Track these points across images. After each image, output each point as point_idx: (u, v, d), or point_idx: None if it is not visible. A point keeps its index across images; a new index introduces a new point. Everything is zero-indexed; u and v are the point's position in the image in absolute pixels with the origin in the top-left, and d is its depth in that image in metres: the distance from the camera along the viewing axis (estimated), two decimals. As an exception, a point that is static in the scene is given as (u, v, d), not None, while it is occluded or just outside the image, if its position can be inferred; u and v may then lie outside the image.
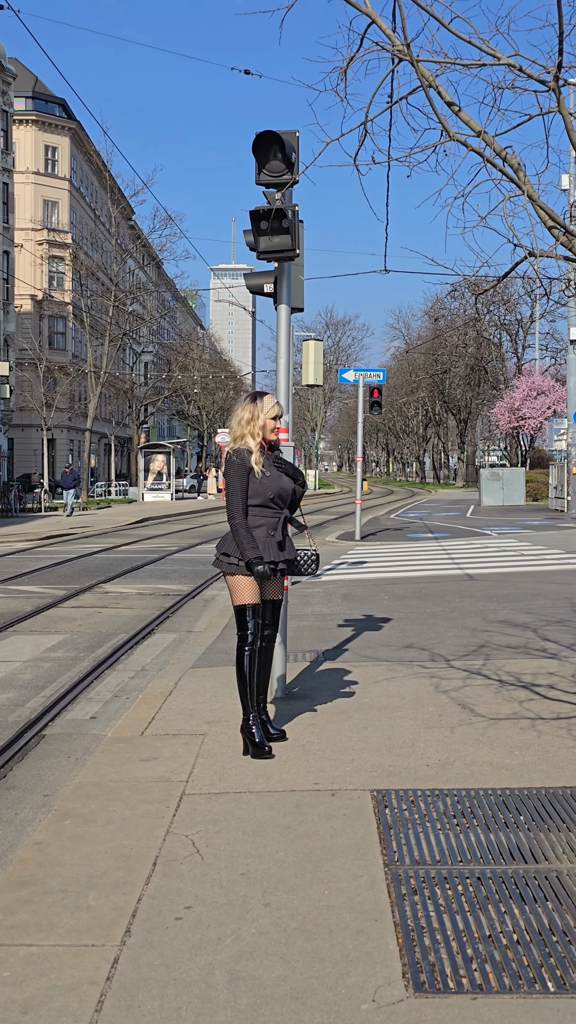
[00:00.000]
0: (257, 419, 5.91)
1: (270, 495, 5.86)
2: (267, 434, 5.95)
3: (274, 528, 5.90)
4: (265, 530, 5.87)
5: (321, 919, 3.73)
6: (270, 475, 5.88)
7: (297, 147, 7.21)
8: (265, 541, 5.85)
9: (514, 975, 3.29)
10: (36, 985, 3.30)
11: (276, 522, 5.91)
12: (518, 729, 6.31)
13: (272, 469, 5.93)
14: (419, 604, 12.56)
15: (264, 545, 5.82)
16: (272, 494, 5.86)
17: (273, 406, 5.96)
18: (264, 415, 5.91)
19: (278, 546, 5.90)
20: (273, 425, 5.95)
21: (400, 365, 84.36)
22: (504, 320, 67.89)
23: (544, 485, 42.66)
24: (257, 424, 5.90)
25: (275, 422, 5.96)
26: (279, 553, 5.90)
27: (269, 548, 5.83)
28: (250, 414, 5.92)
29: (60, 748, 6.48)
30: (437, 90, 5.23)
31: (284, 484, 5.94)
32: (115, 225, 58.81)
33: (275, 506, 5.90)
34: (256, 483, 5.83)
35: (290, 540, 6.05)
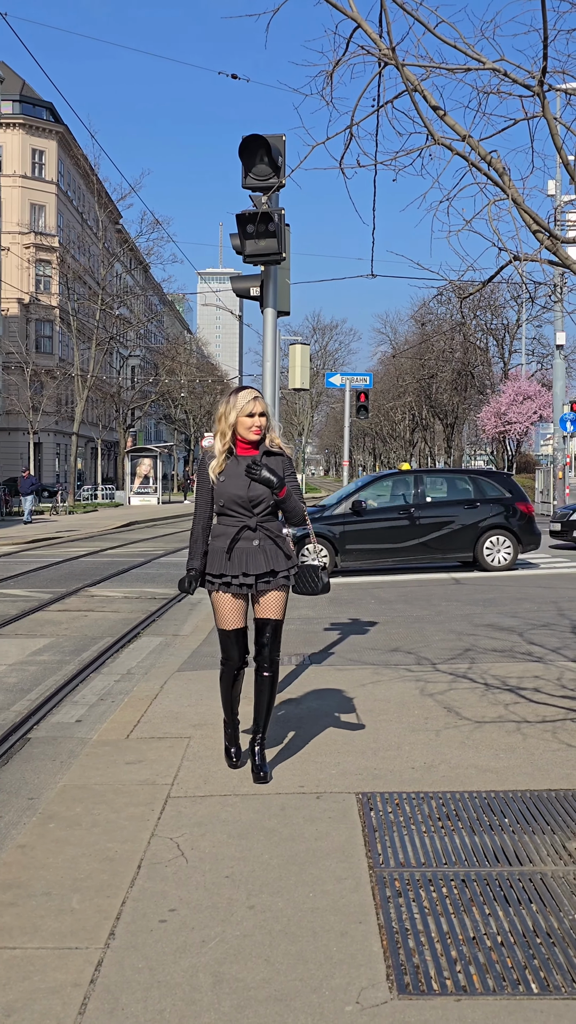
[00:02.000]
0: (228, 416, 5.35)
1: (221, 501, 5.33)
2: (244, 433, 5.35)
3: (231, 538, 5.31)
4: (223, 539, 5.34)
5: (306, 921, 3.73)
6: (225, 480, 5.31)
7: (283, 151, 7.24)
8: (218, 552, 5.34)
9: (498, 977, 3.30)
10: (19, 988, 3.28)
11: (234, 532, 5.32)
12: (503, 732, 6.32)
13: (237, 472, 5.33)
14: (405, 608, 12.57)
15: (215, 556, 5.34)
16: (223, 500, 5.32)
17: (249, 402, 5.32)
18: (237, 412, 5.32)
19: (239, 558, 5.29)
20: (250, 424, 5.32)
21: (387, 369, 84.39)
22: (491, 325, 68.08)
23: (531, 490, 42.73)
24: (228, 421, 5.34)
25: (252, 420, 5.32)
26: (228, 565, 5.30)
27: (217, 559, 5.32)
28: (223, 410, 5.41)
29: (45, 751, 6.46)
30: (423, 94, 5.25)
31: (238, 490, 5.29)
32: (102, 229, 58.79)
33: (234, 513, 5.33)
34: (217, 487, 5.35)
35: (270, 552, 5.35)
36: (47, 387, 56.36)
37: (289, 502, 5.41)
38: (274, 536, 5.39)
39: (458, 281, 6.27)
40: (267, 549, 5.34)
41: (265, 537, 5.35)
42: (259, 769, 5.41)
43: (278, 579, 5.37)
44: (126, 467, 58.31)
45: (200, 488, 5.44)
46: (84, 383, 54.35)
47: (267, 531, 5.37)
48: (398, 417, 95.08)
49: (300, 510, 5.50)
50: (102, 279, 57.84)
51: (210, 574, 5.37)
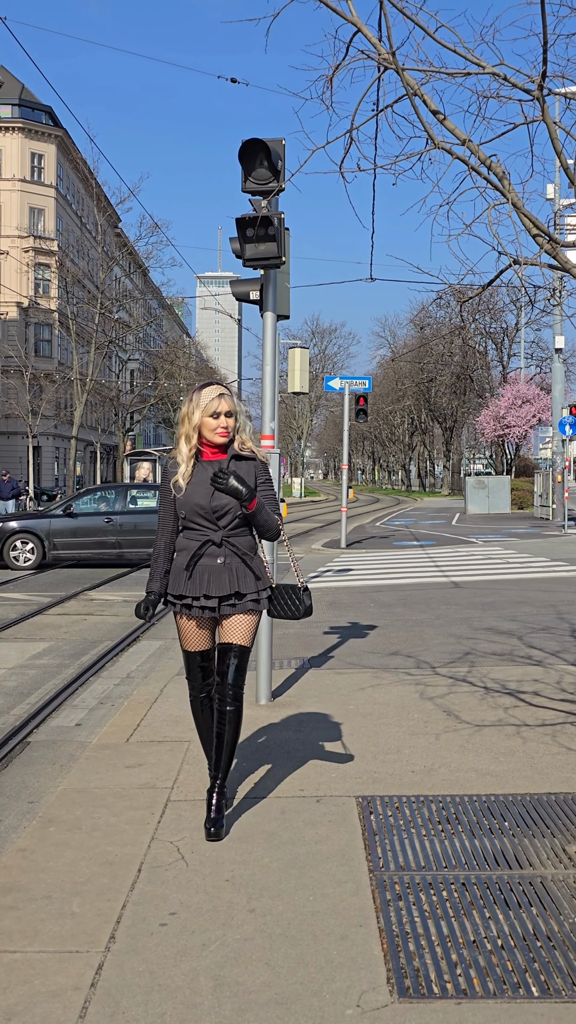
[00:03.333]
0: (192, 416, 4.68)
1: (183, 513, 4.71)
2: (209, 435, 4.69)
3: (192, 554, 4.70)
4: (184, 556, 4.73)
5: (306, 925, 3.73)
6: (188, 489, 4.68)
7: (283, 155, 7.24)
8: (178, 569, 4.74)
9: (498, 980, 3.30)
10: (20, 991, 3.28)
11: (196, 547, 4.69)
12: (503, 736, 6.33)
13: (202, 480, 4.69)
14: (405, 611, 12.58)
15: (176, 574, 4.74)
16: (185, 511, 4.70)
17: (213, 400, 4.65)
18: (200, 411, 4.65)
19: (200, 577, 4.68)
20: (215, 425, 4.67)
21: (386, 373, 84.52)
22: (489, 329, 68.19)
23: (529, 493, 42.77)
24: (191, 423, 4.68)
25: (218, 421, 4.66)
26: (188, 585, 4.68)
27: (178, 578, 4.72)
28: (185, 410, 4.73)
29: (45, 755, 6.46)
30: (422, 98, 5.26)
31: (201, 499, 4.66)
32: (101, 232, 58.76)
33: (197, 526, 4.70)
34: (179, 497, 4.72)
35: (236, 570, 4.71)
36: (46, 391, 56.34)
37: (260, 515, 4.69)
38: (242, 553, 4.72)
39: (458, 285, 6.29)
40: (233, 567, 4.69)
41: (231, 554, 4.70)
42: (213, 823, 4.64)
43: (245, 602, 4.71)
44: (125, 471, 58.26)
45: (162, 500, 4.82)
46: (83, 387, 54.33)
47: (234, 547, 4.71)
48: (397, 421, 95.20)
49: (273, 524, 4.79)
50: (101, 283, 57.81)
51: (171, 594, 4.78)
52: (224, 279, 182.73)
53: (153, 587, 4.81)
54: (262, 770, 5.69)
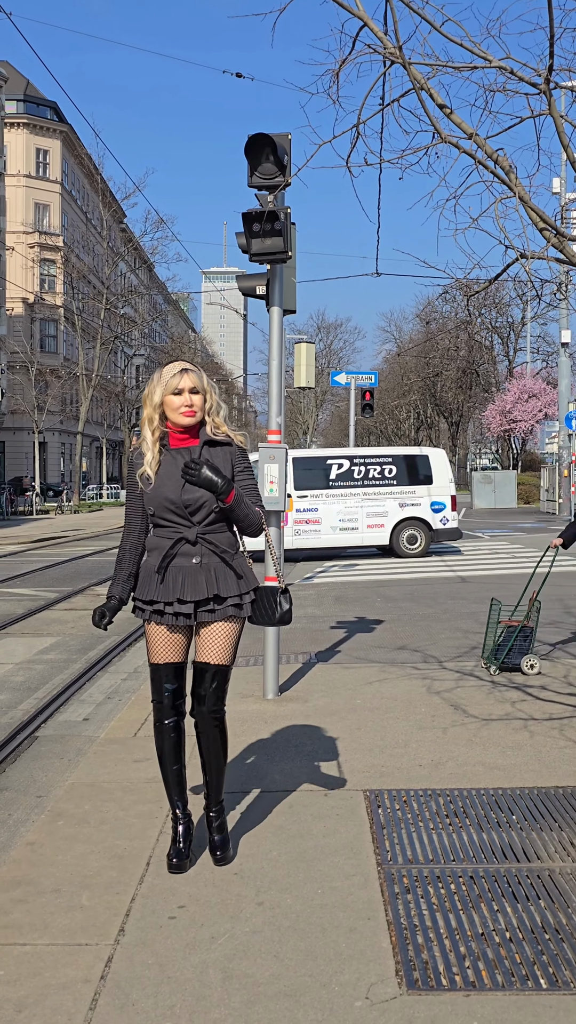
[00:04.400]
0: (153, 396, 4.14)
1: (151, 508, 4.17)
2: (173, 416, 4.14)
3: (164, 553, 4.16)
4: (155, 556, 4.19)
5: (314, 918, 3.74)
6: (155, 481, 4.14)
7: (289, 150, 7.24)
8: (149, 571, 4.21)
9: (507, 972, 3.31)
10: (30, 984, 3.30)
11: (168, 545, 4.16)
12: (510, 730, 6.33)
13: (171, 470, 4.15)
14: (411, 606, 12.58)
15: (145, 577, 4.22)
16: (153, 506, 4.16)
17: (175, 375, 4.11)
18: (162, 389, 4.12)
19: (173, 580, 4.15)
20: (178, 404, 4.11)
21: (391, 368, 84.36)
22: (495, 323, 68.06)
23: (536, 488, 42.77)
24: (152, 402, 4.14)
25: (180, 398, 4.10)
26: (160, 589, 4.15)
27: (148, 581, 4.20)
28: (147, 391, 4.20)
29: (53, 749, 6.47)
30: (429, 92, 5.26)
31: (170, 492, 4.12)
32: (106, 228, 58.79)
33: (168, 523, 4.16)
34: (146, 490, 4.18)
35: (216, 571, 4.18)
36: (52, 386, 56.40)
37: (239, 509, 4.16)
38: (221, 551, 4.18)
39: (464, 279, 6.28)
40: (212, 568, 4.15)
41: (209, 552, 4.16)
42: (218, 846, 4.29)
43: (225, 607, 4.18)
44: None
45: (129, 494, 4.32)
46: (89, 382, 54.38)
47: (211, 545, 4.17)
48: (403, 416, 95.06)
49: (255, 518, 4.23)
50: (106, 278, 57.86)
51: (139, 599, 4.24)
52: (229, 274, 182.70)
53: (114, 591, 4.28)
54: (269, 764, 5.70)
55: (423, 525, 19.76)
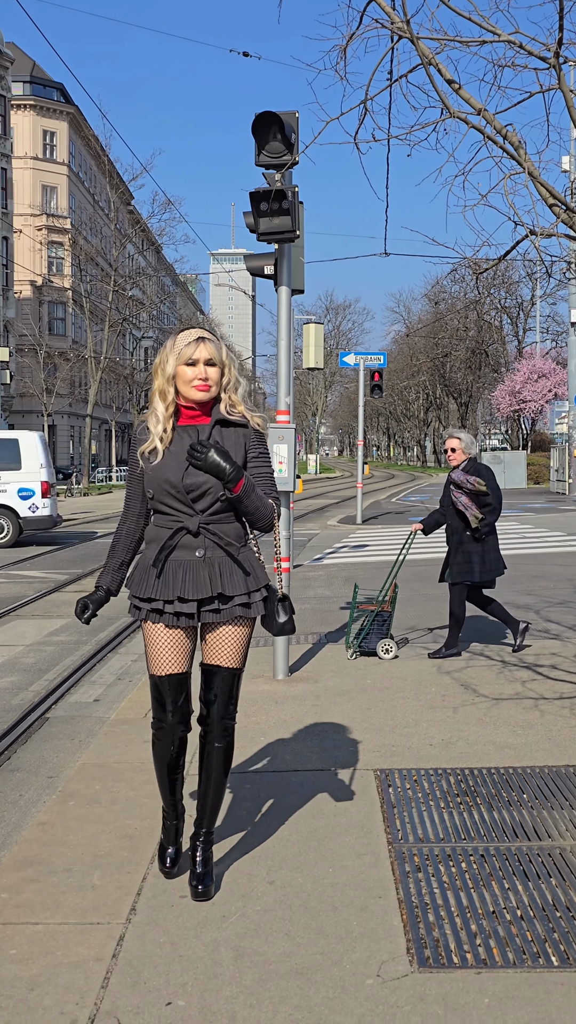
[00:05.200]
0: (165, 366, 3.71)
1: (150, 492, 3.73)
2: (185, 390, 3.70)
3: (162, 545, 3.71)
4: (153, 547, 3.76)
5: (325, 896, 3.75)
6: (158, 461, 3.69)
7: (296, 128, 7.18)
8: (145, 565, 3.78)
9: (518, 950, 3.31)
10: (42, 962, 3.31)
11: (167, 536, 3.71)
12: (521, 709, 6.33)
13: (178, 449, 3.69)
14: (421, 586, 12.57)
15: (142, 571, 3.78)
16: (153, 490, 3.72)
17: (189, 344, 3.69)
18: (175, 358, 3.69)
19: (172, 575, 3.69)
20: (191, 375, 3.67)
21: (401, 349, 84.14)
22: (505, 303, 67.72)
23: (545, 468, 42.63)
24: (165, 374, 3.71)
25: (195, 369, 3.67)
26: (158, 586, 3.71)
27: (144, 576, 3.76)
28: (159, 360, 3.77)
29: (63, 730, 6.49)
30: (437, 68, 5.21)
31: (171, 474, 3.66)
32: (114, 210, 58.61)
33: (168, 510, 3.71)
34: (147, 470, 3.73)
35: (220, 566, 3.72)
36: (60, 369, 56.41)
37: (249, 500, 3.66)
38: (226, 543, 3.72)
39: (474, 257, 6.24)
40: (215, 562, 3.70)
41: (212, 545, 3.71)
42: (200, 879, 3.78)
43: (232, 607, 3.73)
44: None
45: (129, 474, 3.88)
46: (97, 365, 54.35)
47: (215, 536, 3.71)
48: (412, 397, 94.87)
49: (267, 511, 3.74)
50: (114, 260, 57.72)
51: (136, 596, 3.81)
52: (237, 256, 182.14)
53: (103, 580, 3.90)
54: (280, 744, 5.71)
55: (10, 513, 19.24)
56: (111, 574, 3.93)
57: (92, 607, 3.86)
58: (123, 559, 3.92)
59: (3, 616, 11.17)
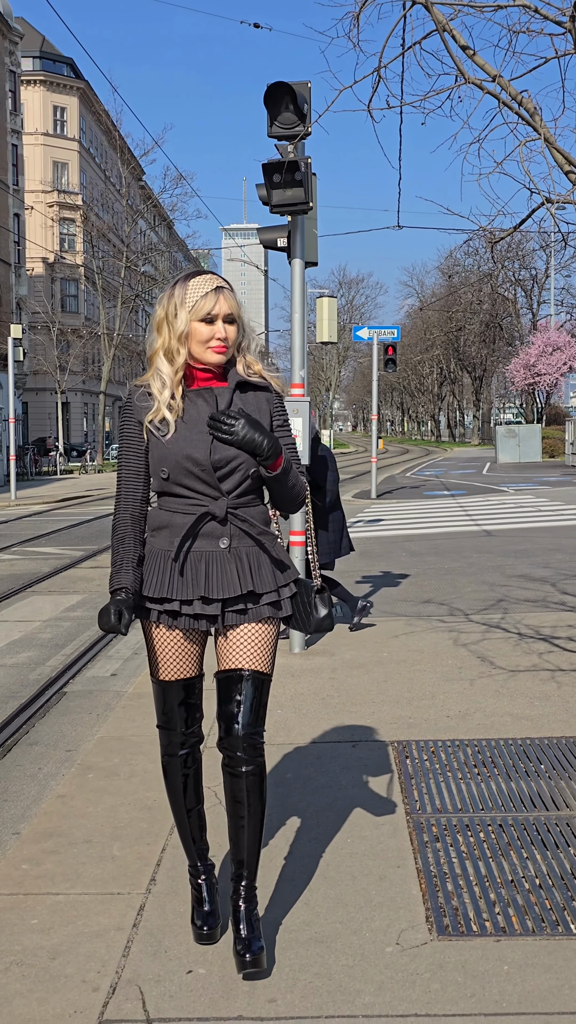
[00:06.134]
0: (174, 322, 3.03)
1: (164, 470, 3.04)
2: (199, 352, 3.04)
3: (183, 535, 3.04)
4: (167, 536, 3.08)
5: (344, 866, 3.76)
6: (172, 433, 3.01)
7: (309, 98, 7.12)
8: (158, 558, 3.09)
9: (536, 918, 3.32)
10: (64, 932, 3.34)
11: (189, 524, 3.04)
12: (538, 680, 6.32)
13: (193, 418, 3.03)
14: (436, 560, 12.56)
15: (153, 565, 3.09)
16: (168, 467, 3.03)
17: (206, 296, 3.00)
18: (188, 312, 3.01)
19: (194, 570, 3.05)
20: (207, 335, 3.01)
21: (414, 323, 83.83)
22: (518, 276, 67.30)
23: (561, 441, 42.42)
24: (175, 330, 3.03)
25: (212, 328, 3.01)
26: (177, 583, 3.05)
27: (157, 572, 3.08)
28: (163, 312, 3.07)
29: (81, 704, 6.52)
30: (452, 33, 5.15)
31: (194, 449, 2.99)
32: (125, 185, 58.36)
33: (187, 492, 3.04)
34: (158, 444, 3.04)
35: (249, 560, 3.09)
36: (73, 346, 56.40)
37: (287, 479, 3.11)
38: (256, 533, 3.11)
39: (488, 227, 6.18)
40: (244, 554, 3.09)
41: (241, 534, 3.09)
42: (247, 945, 3.02)
43: (260, 607, 3.13)
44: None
45: (126, 450, 3.14)
46: (110, 342, 54.30)
47: (244, 523, 3.09)
48: (426, 371, 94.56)
49: (301, 490, 3.21)
50: (126, 236, 57.55)
51: (147, 596, 3.11)
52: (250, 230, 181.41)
53: (124, 580, 3.10)
54: (297, 718, 5.72)
55: None
56: (131, 571, 3.11)
57: (127, 613, 3.02)
58: (138, 554, 3.13)
59: (20, 592, 11.22)
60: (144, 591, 3.11)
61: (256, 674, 3.13)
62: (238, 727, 3.10)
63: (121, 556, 3.13)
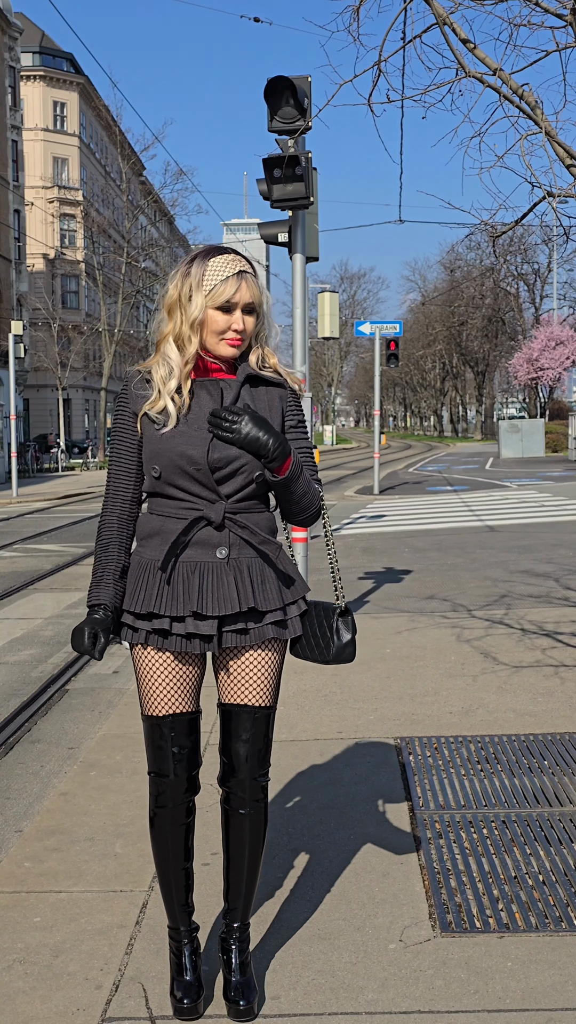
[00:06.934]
0: (187, 306, 2.67)
1: (156, 468, 2.71)
2: (212, 344, 2.70)
3: (173, 542, 2.69)
4: (157, 544, 2.73)
5: (346, 862, 3.75)
6: (169, 429, 2.67)
7: (309, 92, 7.11)
8: (145, 568, 2.74)
9: (540, 915, 3.31)
10: (66, 929, 3.34)
11: (180, 530, 2.69)
12: (541, 676, 6.31)
13: (196, 414, 2.69)
14: (439, 556, 12.55)
15: (140, 577, 2.74)
16: (161, 465, 2.69)
17: (227, 281, 2.64)
18: (204, 297, 2.65)
19: (186, 582, 2.69)
20: (223, 325, 2.67)
21: (416, 318, 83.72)
22: (521, 270, 67.20)
23: (564, 436, 42.38)
24: (187, 314, 2.67)
25: (229, 317, 2.67)
26: (167, 597, 2.70)
27: (144, 584, 2.72)
28: (176, 292, 2.70)
29: (83, 702, 6.52)
30: (452, 27, 5.12)
31: (191, 447, 2.66)
32: (126, 181, 58.24)
33: (182, 494, 2.70)
34: (152, 438, 2.71)
35: (251, 571, 2.74)
36: (74, 343, 56.34)
37: (296, 485, 2.74)
38: (259, 540, 2.76)
39: (490, 220, 6.16)
40: (244, 566, 2.74)
41: (241, 543, 2.74)
42: (240, 991, 2.83)
43: (263, 627, 2.78)
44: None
45: (118, 444, 2.82)
46: (111, 338, 54.25)
47: (244, 530, 2.74)
48: (428, 366, 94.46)
49: (313, 498, 2.83)
50: (127, 232, 57.47)
51: (131, 612, 2.77)
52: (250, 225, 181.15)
53: (103, 595, 2.75)
54: (300, 714, 5.71)
55: None
56: (110, 586, 2.76)
57: (103, 636, 2.68)
58: (121, 563, 2.80)
59: (21, 589, 11.22)
60: (128, 606, 2.76)
61: (261, 710, 2.85)
62: (242, 769, 2.84)
63: (103, 565, 2.79)
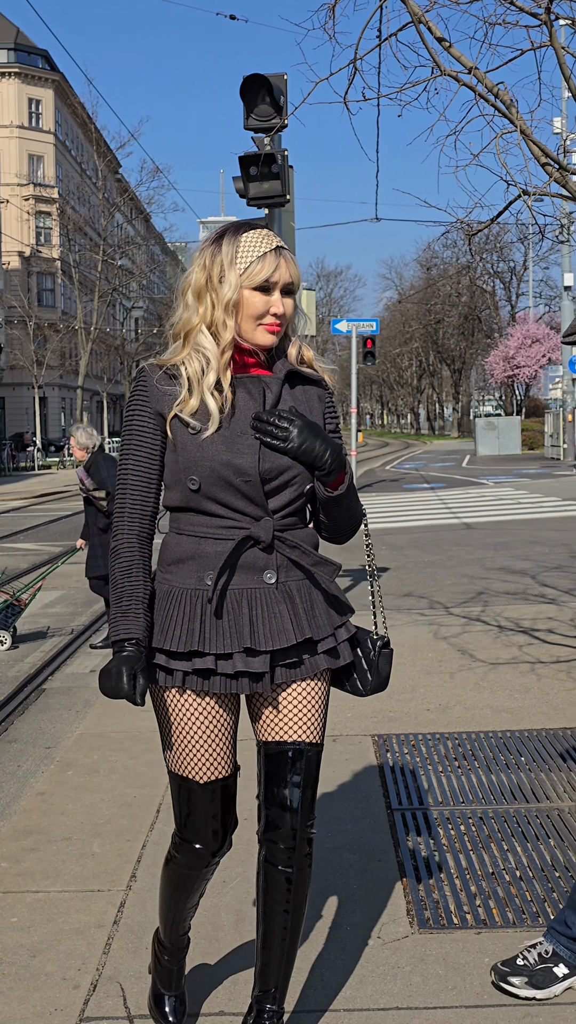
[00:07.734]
0: (220, 285, 2.31)
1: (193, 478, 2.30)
2: (249, 332, 2.33)
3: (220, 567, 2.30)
4: (193, 570, 2.34)
5: (325, 860, 3.76)
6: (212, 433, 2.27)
7: (285, 90, 7.11)
8: (182, 602, 2.34)
9: (517, 910, 3.32)
10: (43, 930, 3.32)
11: (225, 552, 2.30)
12: (518, 673, 6.34)
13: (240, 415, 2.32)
14: (416, 553, 12.58)
15: (175, 613, 2.33)
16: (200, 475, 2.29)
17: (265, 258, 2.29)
18: (238, 275, 2.30)
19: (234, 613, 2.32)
20: (261, 307, 2.31)
21: (393, 316, 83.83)
22: (497, 268, 67.41)
23: (540, 434, 42.56)
24: (219, 296, 2.31)
25: (269, 299, 2.31)
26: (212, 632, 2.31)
27: (187, 620, 2.31)
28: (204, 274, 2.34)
29: (60, 701, 6.49)
30: (427, 25, 5.13)
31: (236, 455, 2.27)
32: (101, 178, 58.07)
33: (224, 511, 2.32)
34: (188, 444, 2.30)
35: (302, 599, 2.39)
36: (50, 341, 56.06)
37: (347, 500, 2.44)
38: (309, 563, 2.40)
39: (466, 219, 6.17)
40: (294, 591, 2.39)
41: (289, 565, 2.39)
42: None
43: (317, 658, 2.42)
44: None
45: (137, 448, 2.38)
46: (87, 336, 54.08)
47: (295, 551, 2.38)
48: (405, 364, 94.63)
49: (358, 512, 2.53)
50: (103, 230, 57.28)
51: (162, 650, 2.36)
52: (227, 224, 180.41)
53: (134, 629, 2.29)
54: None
55: None
56: (140, 617, 2.31)
57: (141, 676, 2.22)
58: (149, 590, 2.38)
59: (-2, 588, 11.15)
60: (161, 643, 2.33)
61: (312, 747, 2.45)
62: (292, 820, 2.42)
63: (129, 592, 2.33)
